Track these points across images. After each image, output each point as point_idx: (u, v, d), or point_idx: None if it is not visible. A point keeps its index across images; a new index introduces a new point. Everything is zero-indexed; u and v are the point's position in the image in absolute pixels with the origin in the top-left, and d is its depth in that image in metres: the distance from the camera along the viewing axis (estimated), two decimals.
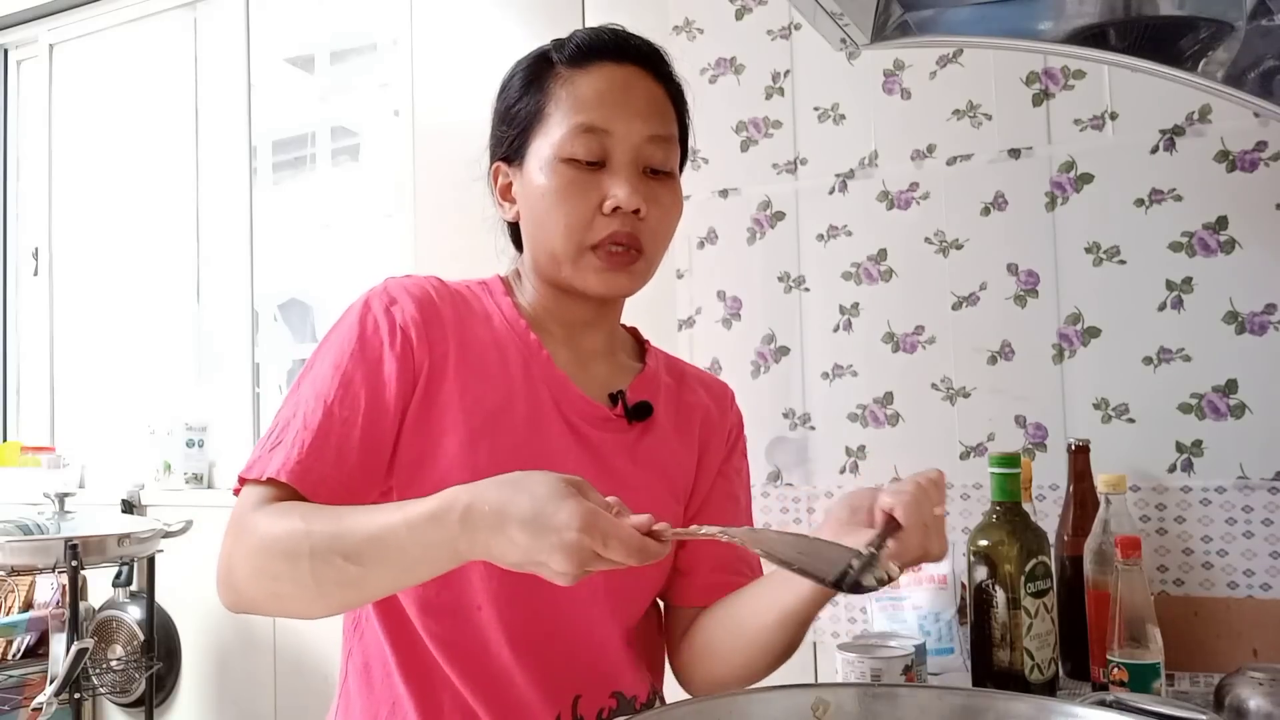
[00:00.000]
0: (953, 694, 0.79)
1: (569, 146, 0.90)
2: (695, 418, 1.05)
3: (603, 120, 0.91)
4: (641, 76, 0.94)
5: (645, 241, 0.92)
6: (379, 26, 2.37)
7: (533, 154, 0.93)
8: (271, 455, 0.84)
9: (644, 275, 0.95)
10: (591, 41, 0.95)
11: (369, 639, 0.94)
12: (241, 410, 2.57)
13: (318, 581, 0.76)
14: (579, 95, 0.92)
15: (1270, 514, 1.48)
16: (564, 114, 0.91)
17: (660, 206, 0.93)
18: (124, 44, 2.82)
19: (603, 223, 0.90)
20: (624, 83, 0.93)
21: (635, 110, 0.92)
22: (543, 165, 0.92)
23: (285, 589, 0.79)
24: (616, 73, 0.93)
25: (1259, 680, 1.06)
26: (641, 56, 0.95)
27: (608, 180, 0.90)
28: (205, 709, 2.49)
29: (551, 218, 0.91)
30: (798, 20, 1.84)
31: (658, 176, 0.93)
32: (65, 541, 1.99)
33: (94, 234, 2.83)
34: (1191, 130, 1.55)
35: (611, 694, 0.94)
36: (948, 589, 1.49)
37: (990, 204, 1.69)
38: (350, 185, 2.49)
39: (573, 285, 0.94)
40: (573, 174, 0.90)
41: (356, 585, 0.76)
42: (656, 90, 0.95)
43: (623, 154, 0.91)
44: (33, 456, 2.74)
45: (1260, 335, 1.51)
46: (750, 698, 0.78)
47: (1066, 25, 1.27)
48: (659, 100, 0.95)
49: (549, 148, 0.91)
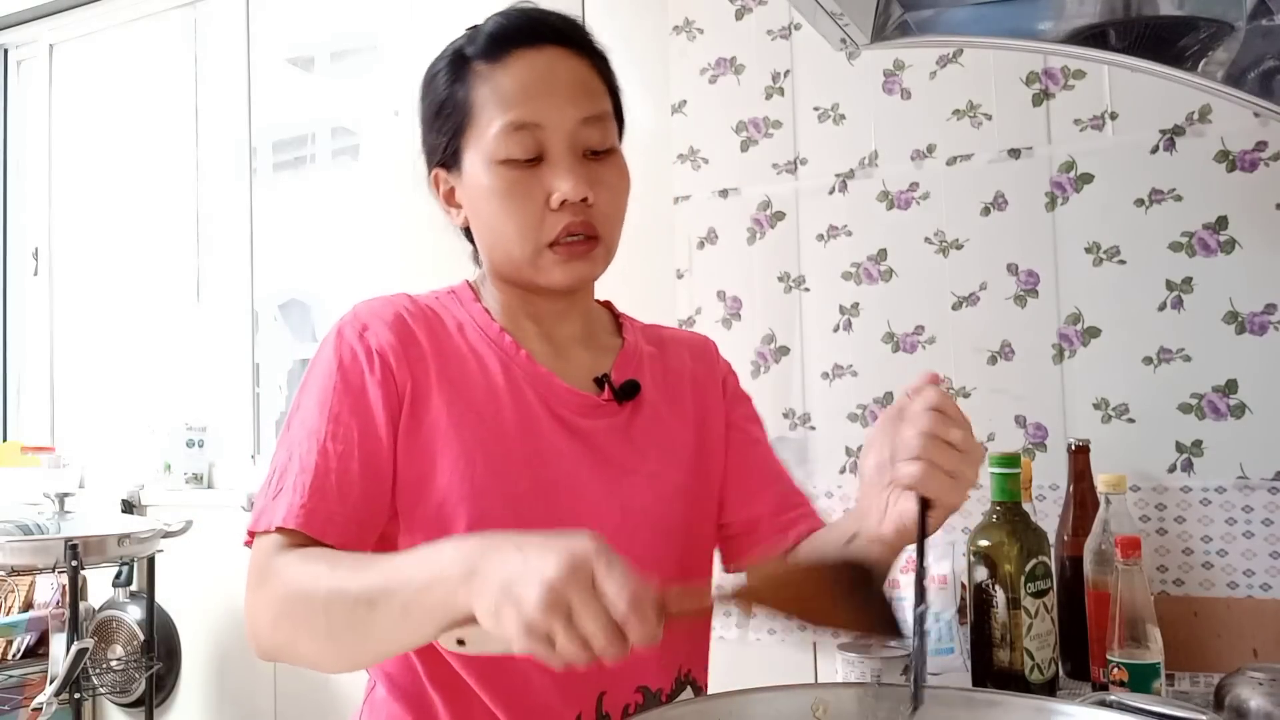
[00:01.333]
0: (953, 694, 0.79)
1: (503, 148, 0.88)
2: (684, 383, 1.03)
3: (532, 114, 0.87)
4: (562, 56, 0.90)
5: (599, 226, 0.90)
6: (379, 26, 2.37)
7: (468, 158, 0.91)
8: (275, 504, 0.83)
9: (605, 259, 0.93)
10: (503, 30, 0.91)
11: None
12: (241, 410, 2.57)
13: (331, 626, 0.74)
14: (502, 92, 0.88)
15: (1270, 514, 1.48)
16: (491, 114, 0.88)
17: (607, 187, 0.91)
18: (124, 44, 2.82)
19: (553, 218, 0.88)
20: (545, 69, 0.89)
21: (563, 96, 0.88)
22: (480, 169, 0.90)
23: (303, 635, 0.77)
24: (536, 59, 0.89)
25: (1259, 680, 1.06)
26: (558, 35, 0.91)
27: (549, 174, 0.88)
28: (205, 709, 2.49)
29: (501, 222, 0.90)
30: (798, 20, 1.84)
31: (598, 157, 0.91)
32: (65, 541, 1.99)
33: (94, 234, 2.83)
34: (1191, 130, 1.56)
35: (637, 688, 0.93)
36: (948, 589, 1.49)
37: (990, 204, 1.69)
38: (350, 185, 2.49)
39: (535, 283, 0.92)
40: (513, 175, 0.88)
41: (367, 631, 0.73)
42: (580, 67, 0.91)
43: (559, 144, 0.88)
44: (33, 456, 2.74)
45: (1260, 335, 1.51)
46: (750, 698, 0.78)
47: (1066, 25, 1.27)
48: (585, 78, 0.91)
49: (483, 151, 0.89)
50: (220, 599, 2.44)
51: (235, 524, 2.40)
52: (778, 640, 1.78)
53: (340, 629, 0.73)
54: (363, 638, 0.73)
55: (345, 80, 2.50)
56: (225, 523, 2.42)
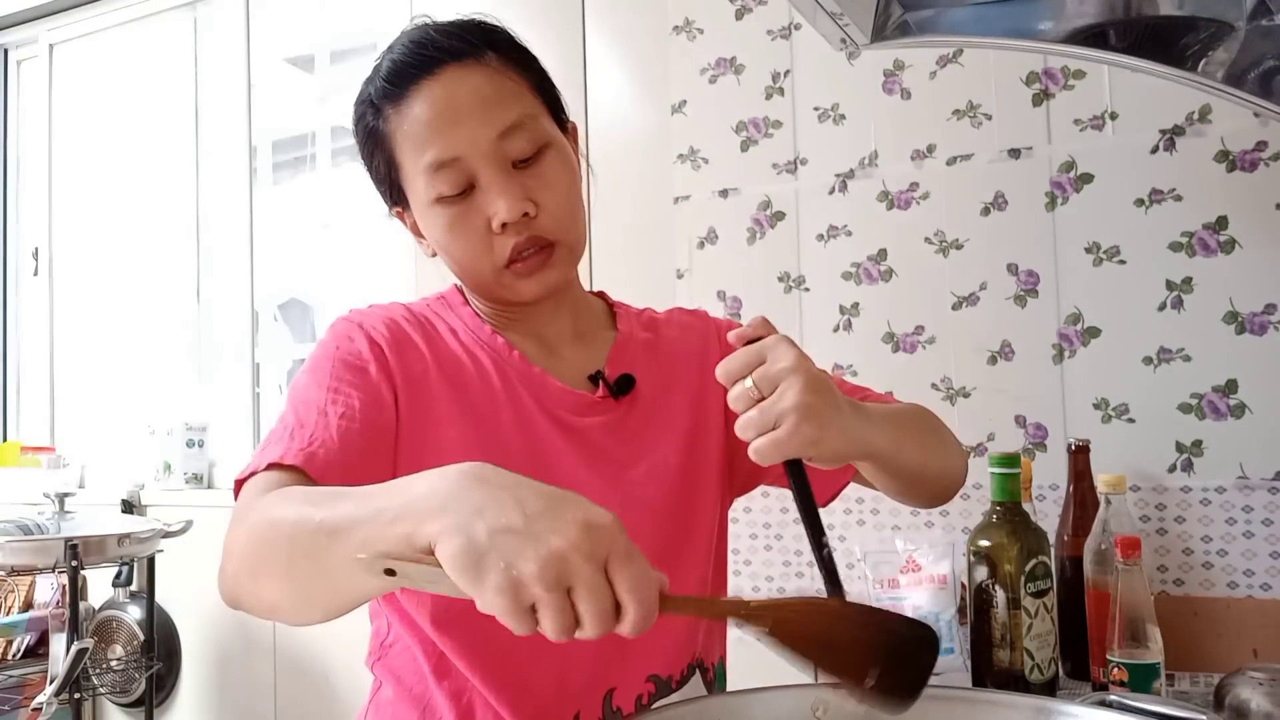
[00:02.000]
0: (953, 694, 0.79)
1: (431, 189, 0.87)
2: (678, 362, 1.02)
3: (445, 150, 0.86)
4: (461, 76, 0.87)
5: (552, 234, 0.88)
6: (379, 26, 2.37)
7: (411, 201, 0.91)
8: (267, 451, 0.80)
9: (570, 259, 0.92)
10: (395, 67, 0.90)
11: (400, 646, 0.93)
12: (241, 410, 2.57)
13: (291, 559, 0.66)
14: (411, 135, 0.87)
15: (1270, 514, 1.48)
16: (411, 159, 0.88)
17: (549, 189, 0.88)
18: (124, 44, 2.82)
19: (499, 241, 0.87)
20: (444, 97, 0.86)
21: (472, 120, 0.86)
22: (421, 210, 0.90)
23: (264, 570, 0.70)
24: (434, 89, 0.87)
25: (1259, 680, 1.06)
26: (449, 53, 0.88)
27: (483, 198, 0.87)
28: (205, 709, 2.49)
29: (454, 256, 0.90)
30: (798, 20, 1.84)
31: (531, 161, 0.88)
32: (65, 541, 1.99)
33: (94, 234, 2.83)
34: (1191, 130, 1.55)
35: (648, 678, 0.92)
36: (948, 589, 1.49)
37: (990, 204, 1.69)
38: (350, 185, 2.48)
39: (507, 301, 0.93)
40: (450, 211, 0.88)
41: (325, 566, 0.63)
42: (482, 78, 0.87)
43: (483, 168, 0.86)
44: (33, 456, 2.74)
45: (1260, 335, 1.51)
46: (750, 698, 0.78)
47: (1066, 25, 1.27)
48: (489, 88, 0.87)
49: (417, 196, 0.89)
50: (220, 599, 2.43)
51: None
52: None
53: (299, 562, 0.65)
54: (320, 574, 0.64)
55: (345, 80, 2.50)
56: (225, 523, 2.42)
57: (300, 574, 0.66)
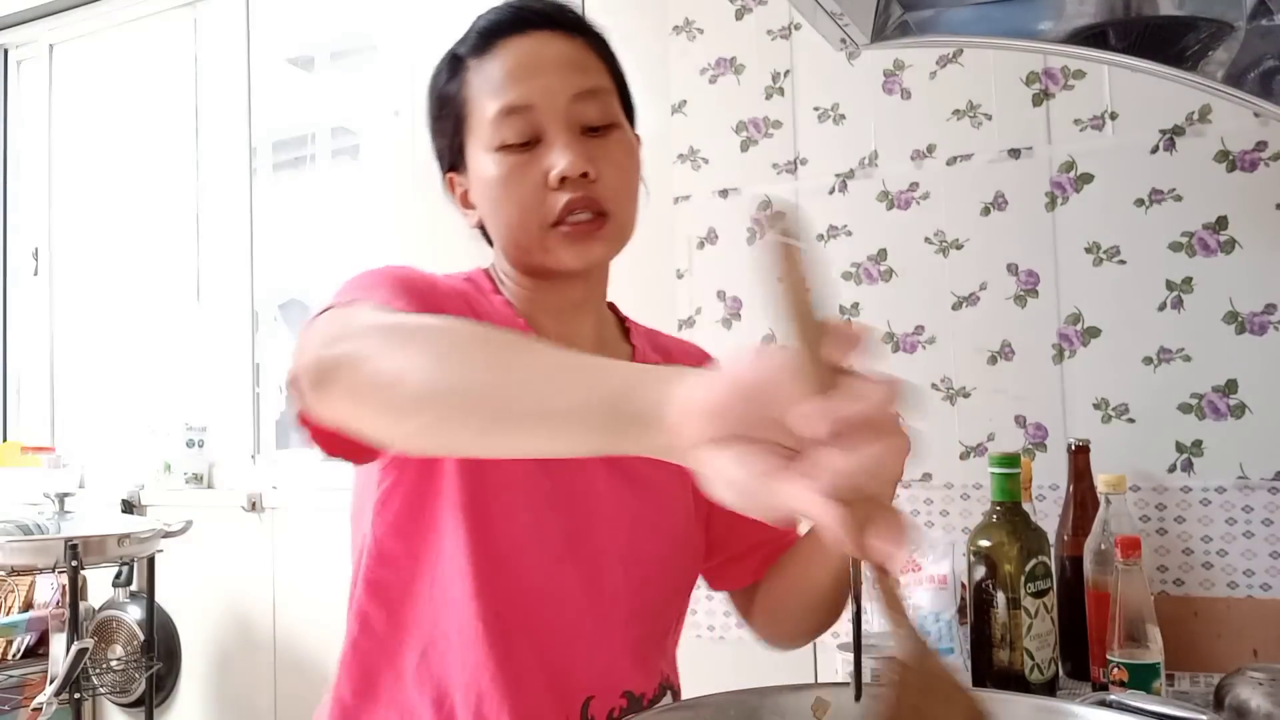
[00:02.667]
0: None
1: (498, 134, 0.87)
2: None
3: (520, 97, 0.86)
4: (550, 39, 0.89)
5: (607, 202, 0.88)
6: (379, 26, 2.37)
7: (470, 155, 0.91)
8: (359, 291, 0.77)
9: (617, 238, 0.91)
10: (491, 24, 0.91)
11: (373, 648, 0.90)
12: (241, 410, 2.57)
13: (460, 361, 0.59)
14: (491, 80, 0.88)
15: (1270, 514, 1.48)
16: (484, 104, 0.88)
17: (611, 163, 0.88)
18: (124, 44, 2.82)
19: (554, 197, 0.86)
20: (531, 52, 0.88)
21: (551, 75, 0.87)
22: (481, 161, 0.89)
23: (398, 358, 0.61)
24: (521, 44, 0.89)
25: (1259, 680, 1.06)
26: (545, 19, 0.90)
27: (545, 154, 0.86)
28: (205, 709, 2.49)
29: (503, 208, 0.88)
30: (798, 20, 1.84)
31: (600, 133, 0.89)
32: (65, 541, 1.99)
33: (94, 234, 2.83)
34: (1191, 130, 1.56)
35: (622, 694, 0.92)
36: (948, 589, 1.49)
37: (990, 204, 1.69)
38: (350, 185, 2.49)
39: (546, 266, 0.90)
40: (510, 159, 0.87)
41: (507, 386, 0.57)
42: (570, 46, 0.90)
43: (552, 122, 0.87)
44: (33, 456, 2.74)
45: (1260, 335, 1.51)
46: (750, 697, 0.78)
47: (1066, 25, 1.28)
48: (575, 55, 0.90)
49: (481, 142, 0.89)
50: (220, 599, 2.44)
51: (235, 524, 2.41)
52: None
53: (472, 368, 0.58)
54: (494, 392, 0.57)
55: (345, 80, 2.50)
56: (225, 523, 2.43)
57: (467, 380, 0.58)
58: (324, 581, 2.21)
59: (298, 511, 2.35)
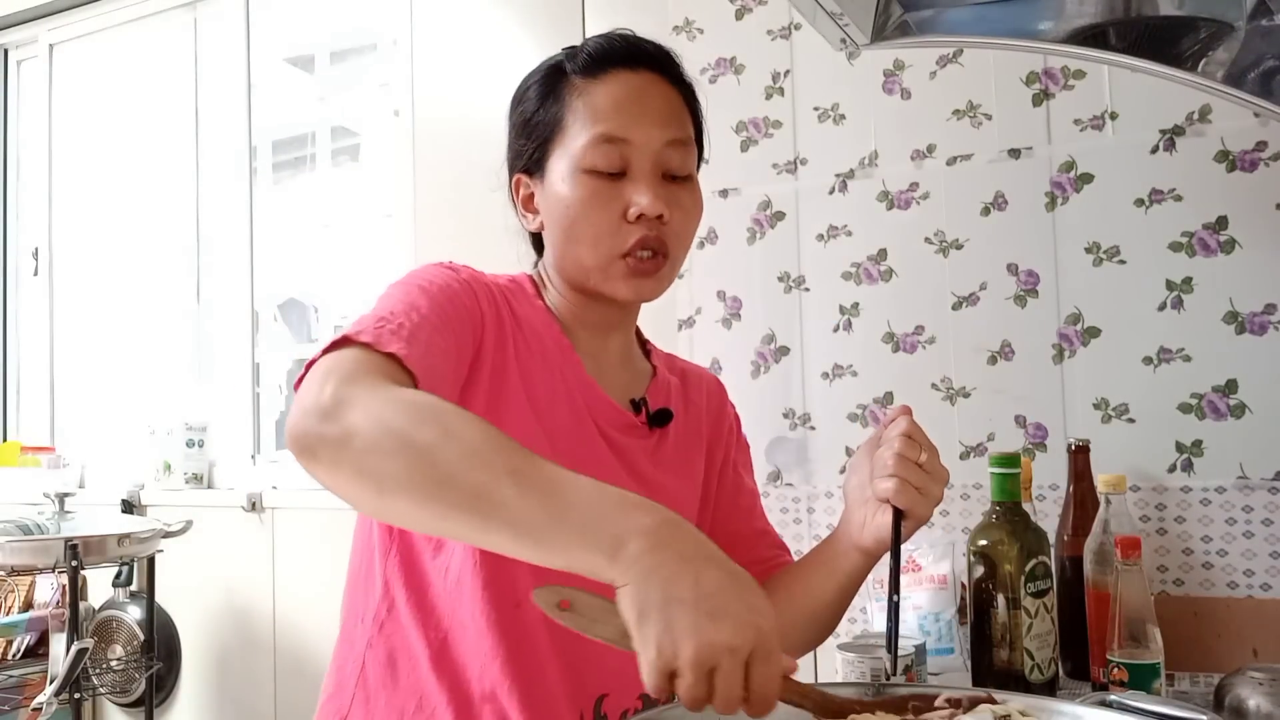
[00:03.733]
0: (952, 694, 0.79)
1: (589, 158, 0.91)
2: (701, 417, 1.08)
3: (621, 129, 0.91)
4: (655, 81, 0.95)
5: (670, 245, 0.93)
6: (379, 26, 2.37)
7: (553, 166, 0.94)
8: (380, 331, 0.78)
9: (669, 279, 0.96)
10: (604, 49, 0.95)
11: (396, 630, 0.92)
12: (241, 410, 2.57)
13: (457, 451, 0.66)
14: (595, 105, 0.92)
15: (1270, 514, 1.48)
16: (582, 125, 0.92)
17: (681, 210, 0.94)
18: (124, 44, 2.82)
19: (628, 230, 0.91)
20: (639, 90, 0.94)
21: (652, 117, 0.93)
22: (564, 177, 0.93)
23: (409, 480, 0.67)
24: (631, 80, 0.94)
25: (1259, 680, 1.06)
26: (654, 61, 0.96)
27: (629, 188, 0.91)
28: (205, 709, 2.49)
29: (578, 229, 0.92)
30: (798, 20, 1.84)
31: (677, 181, 0.95)
32: (65, 541, 1.99)
33: (94, 234, 2.83)
34: (1191, 130, 1.55)
35: (640, 695, 0.94)
36: (948, 589, 1.49)
37: (990, 204, 1.69)
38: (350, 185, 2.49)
39: (601, 292, 0.95)
40: (595, 184, 0.91)
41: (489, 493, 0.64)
42: (671, 94, 0.96)
43: (642, 161, 0.92)
44: (33, 456, 2.74)
45: (1260, 335, 1.51)
46: None
47: (1066, 25, 1.28)
48: (674, 104, 0.96)
49: (569, 159, 0.92)
50: (220, 599, 2.44)
51: (235, 524, 2.41)
52: None
53: (458, 506, 0.65)
54: (474, 528, 0.66)
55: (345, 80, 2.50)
56: (225, 523, 2.43)
57: (451, 510, 0.66)
58: (324, 581, 2.21)
59: (297, 511, 2.35)
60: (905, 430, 0.91)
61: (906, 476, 0.89)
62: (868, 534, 0.93)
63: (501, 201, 1.04)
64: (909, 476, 0.89)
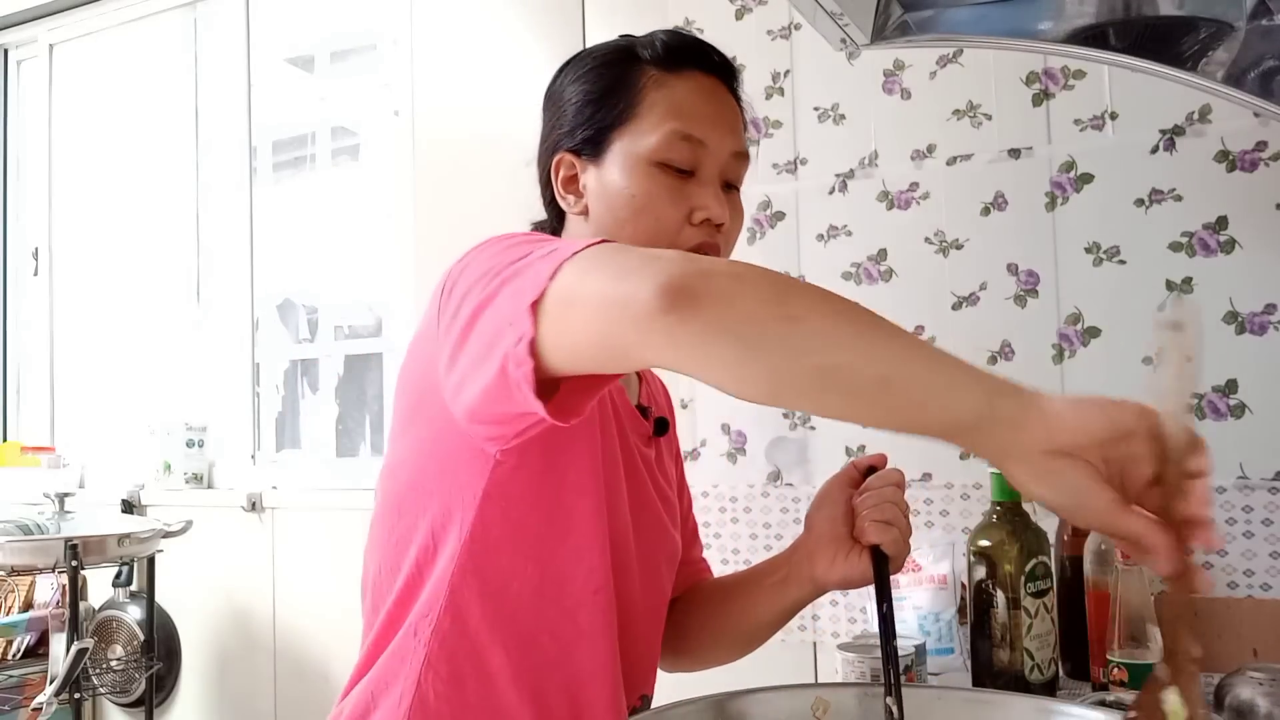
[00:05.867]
0: (953, 694, 0.79)
1: (664, 151, 0.88)
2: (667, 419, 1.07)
3: (700, 131, 0.89)
4: (725, 93, 0.94)
5: (721, 251, 0.92)
6: (379, 26, 2.37)
7: (617, 151, 0.90)
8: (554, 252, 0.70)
9: None
10: (681, 46, 0.93)
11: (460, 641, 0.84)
12: (241, 410, 2.57)
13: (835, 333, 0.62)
14: (676, 101, 0.90)
15: (1270, 514, 1.48)
16: (659, 117, 0.89)
17: (735, 220, 0.94)
18: (124, 44, 2.82)
19: (690, 233, 0.89)
20: (713, 94, 0.93)
21: (726, 125, 0.92)
22: (631, 166, 0.89)
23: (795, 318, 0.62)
24: (706, 82, 0.92)
25: (1259, 680, 1.06)
26: (723, 69, 0.95)
27: (697, 191, 0.89)
28: (205, 709, 2.49)
29: (639, 222, 0.89)
30: (798, 20, 1.84)
31: (731, 192, 0.94)
32: (65, 541, 1.99)
33: (94, 234, 2.83)
34: (1191, 130, 1.55)
35: (640, 696, 0.95)
36: (948, 589, 1.49)
37: (990, 204, 1.69)
38: (350, 185, 2.49)
39: None
40: (665, 179, 0.89)
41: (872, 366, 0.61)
42: (735, 105, 0.95)
43: (712, 166, 0.90)
44: (33, 456, 2.74)
45: (1260, 335, 1.50)
46: (750, 698, 0.78)
47: (1066, 25, 1.28)
48: (738, 116, 0.95)
49: (640, 148, 0.89)
50: (220, 599, 2.44)
51: (235, 524, 2.41)
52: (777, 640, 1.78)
53: (868, 327, 0.63)
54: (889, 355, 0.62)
55: (345, 80, 2.50)
56: (225, 523, 2.43)
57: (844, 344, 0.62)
58: (324, 581, 2.21)
59: (298, 511, 2.35)
60: (897, 480, 0.93)
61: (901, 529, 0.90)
62: (836, 573, 0.92)
63: (502, 202, 1.02)
64: (901, 524, 0.90)
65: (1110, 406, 0.60)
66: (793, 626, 1.79)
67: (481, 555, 0.83)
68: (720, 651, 1.07)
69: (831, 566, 0.92)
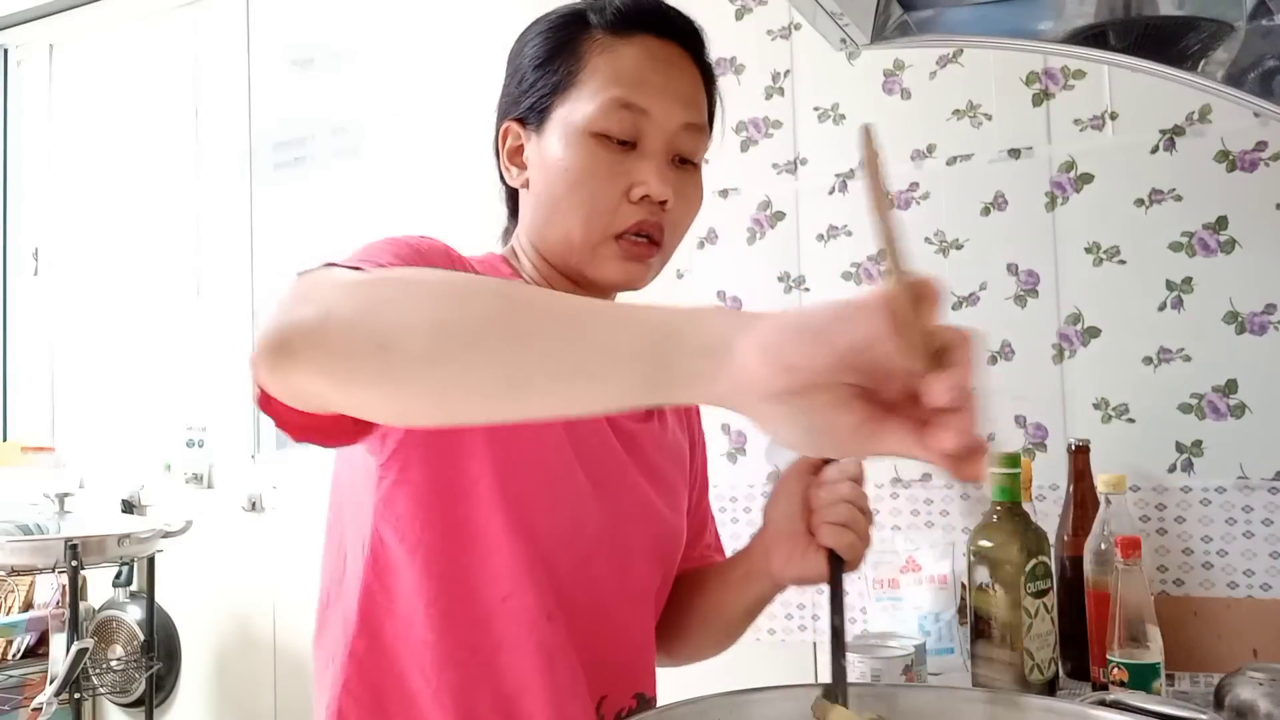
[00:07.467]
0: (953, 694, 0.79)
1: (602, 120, 0.82)
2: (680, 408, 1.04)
3: (643, 99, 0.83)
4: (681, 56, 0.87)
5: (668, 232, 0.86)
6: (379, 26, 2.37)
7: (556, 120, 0.85)
8: (364, 260, 0.69)
9: (658, 269, 0.89)
10: (635, 8, 0.86)
11: (376, 663, 0.82)
12: (241, 410, 2.57)
13: (460, 319, 0.53)
14: (619, 66, 0.84)
15: (1270, 514, 1.48)
16: (600, 84, 0.83)
17: (684, 199, 0.87)
18: (124, 44, 2.82)
19: (628, 210, 0.83)
20: (666, 60, 0.86)
21: (675, 94, 0.85)
22: (568, 136, 0.83)
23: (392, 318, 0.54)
24: (659, 48, 0.86)
25: (1259, 680, 1.06)
26: (683, 35, 0.88)
27: (637, 164, 0.83)
28: (205, 709, 2.49)
29: (573, 198, 0.83)
30: (798, 20, 1.84)
31: (684, 166, 0.87)
32: (65, 541, 1.99)
33: (94, 234, 2.83)
34: (1191, 130, 1.55)
35: (634, 695, 0.92)
36: (948, 589, 1.49)
37: (990, 204, 1.69)
38: (350, 185, 2.48)
39: (583, 273, 0.86)
40: (601, 152, 0.83)
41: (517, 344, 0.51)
42: (694, 74, 0.88)
43: (657, 138, 0.84)
44: (33, 456, 2.74)
45: (1260, 335, 1.50)
46: (750, 698, 0.78)
47: (1066, 25, 1.28)
48: (696, 85, 0.88)
49: (577, 118, 0.83)
50: (220, 599, 2.44)
51: (235, 524, 2.41)
52: (778, 640, 1.78)
53: (475, 328, 0.52)
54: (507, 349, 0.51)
55: (345, 80, 2.50)
56: (225, 523, 2.43)
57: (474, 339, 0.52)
58: None
59: (297, 511, 2.35)
60: (855, 475, 0.85)
61: (857, 527, 0.84)
62: (791, 571, 0.87)
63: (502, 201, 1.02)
64: (859, 527, 0.84)
65: (834, 322, 0.49)
66: (793, 627, 1.80)
67: (386, 574, 0.81)
68: (694, 645, 1.03)
69: (787, 565, 0.87)
